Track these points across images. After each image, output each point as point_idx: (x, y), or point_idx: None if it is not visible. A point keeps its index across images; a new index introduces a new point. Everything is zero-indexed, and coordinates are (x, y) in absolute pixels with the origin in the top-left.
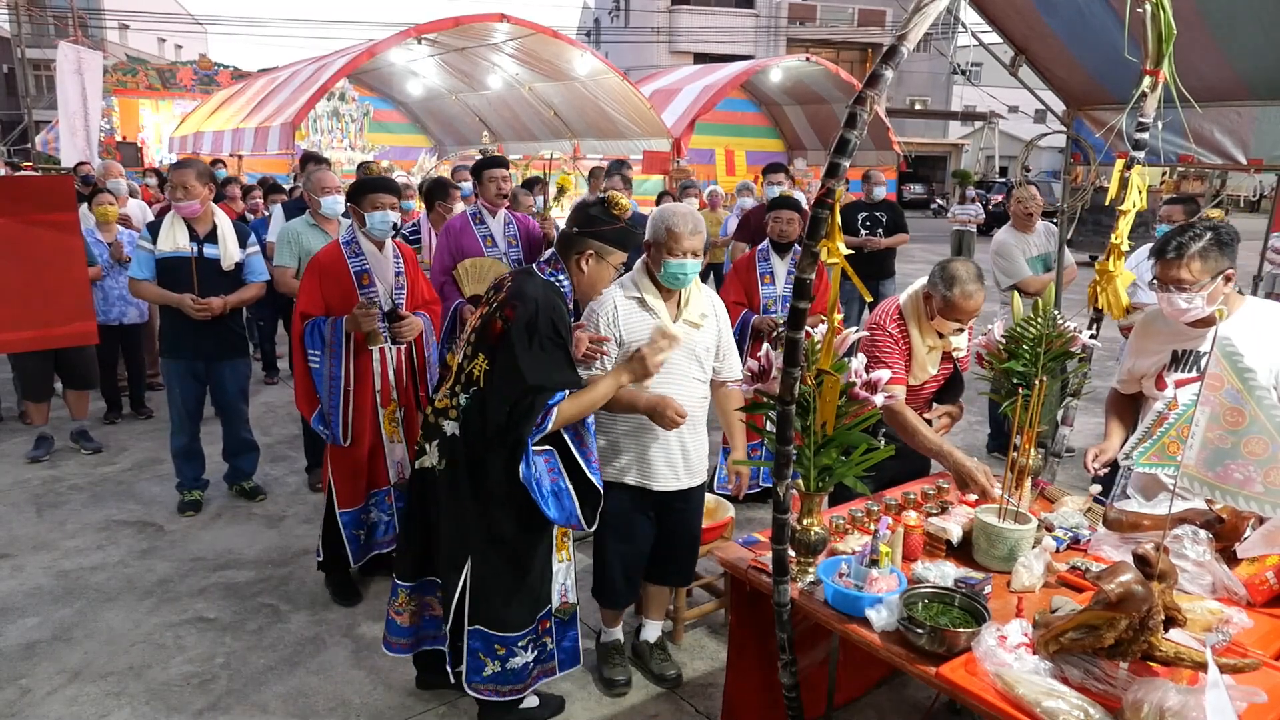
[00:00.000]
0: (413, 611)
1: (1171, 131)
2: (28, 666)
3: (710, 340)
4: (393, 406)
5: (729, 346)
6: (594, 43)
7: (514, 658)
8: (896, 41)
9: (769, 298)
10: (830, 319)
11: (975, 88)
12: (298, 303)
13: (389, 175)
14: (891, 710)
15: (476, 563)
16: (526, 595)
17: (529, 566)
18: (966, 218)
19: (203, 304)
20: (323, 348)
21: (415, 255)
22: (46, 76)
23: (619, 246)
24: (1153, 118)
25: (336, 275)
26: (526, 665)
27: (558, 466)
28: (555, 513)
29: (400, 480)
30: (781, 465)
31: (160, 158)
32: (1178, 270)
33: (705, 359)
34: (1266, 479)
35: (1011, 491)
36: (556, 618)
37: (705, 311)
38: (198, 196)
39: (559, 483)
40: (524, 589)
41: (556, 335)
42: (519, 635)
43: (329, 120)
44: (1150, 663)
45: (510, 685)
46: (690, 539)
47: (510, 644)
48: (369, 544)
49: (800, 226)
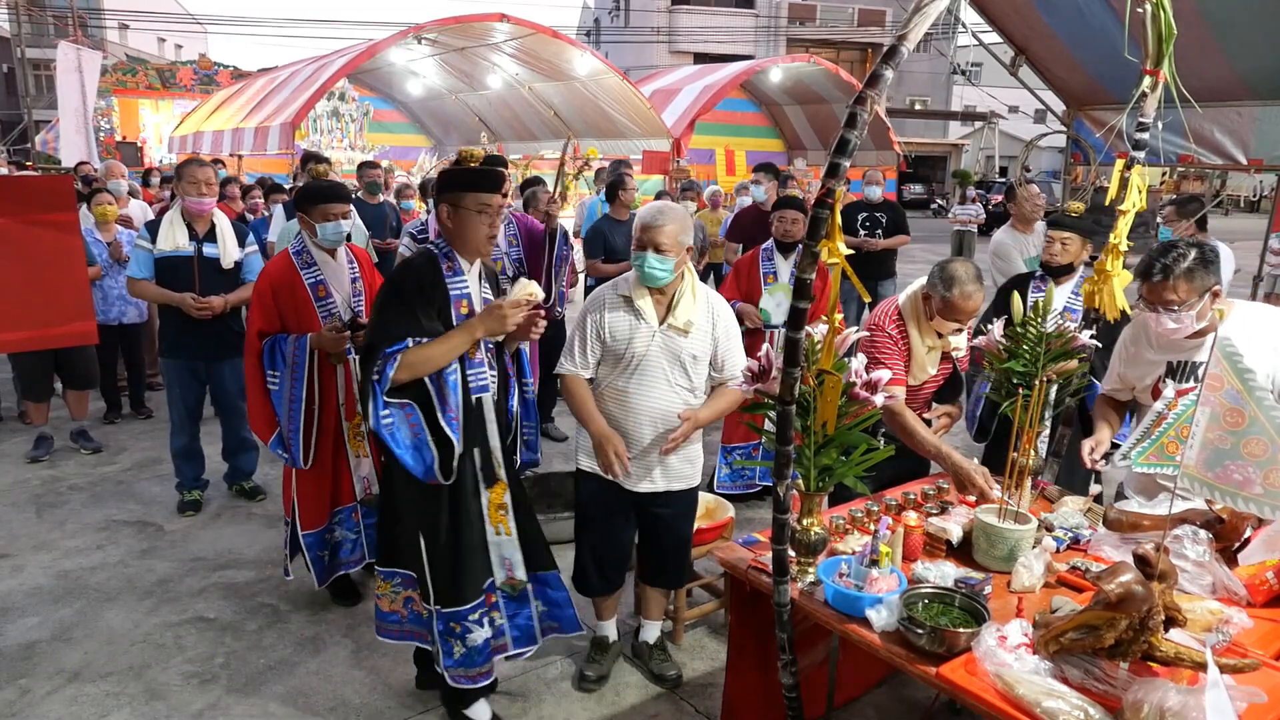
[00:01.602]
0: (393, 598)
1: (1172, 131)
2: (28, 666)
3: (700, 349)
4: (358, 419)
5: (730, 357)
6: (594, 43)
7: (470, 633)
8: (896, 41)
9: None
10: (830, 319)
11: (975, 88)
12: (251, 322)
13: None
14: (891, 710)
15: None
16: (469, 563)
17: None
18: (967, 218)
19: (203, 303)
20: (284, 368)
21: (369, 258)
22: (46, 76)
23: (466, 188)
24: (1153, 118)
25: (290, 288)
26: (486, 641)
27: (419, 420)
28: (414, 463)
29: (367, 495)
30: (781, 465)
31: (160, 158)
32: (1165, 292)
33: (693, 366)
34: (1266, 480)
35: (1011, 492)
36: (503, 592)
37: (696, 320)
38: (215, 195)
39: (421, 436)
40: (462, 557)
41: (402, 292)
42: (470, 608)
43: (329, 120)
44: (1150, 663)
45: (477, 668)
46: (677, 542)
47: (463, 618)
48: (333, 564)
49: (804, 226)
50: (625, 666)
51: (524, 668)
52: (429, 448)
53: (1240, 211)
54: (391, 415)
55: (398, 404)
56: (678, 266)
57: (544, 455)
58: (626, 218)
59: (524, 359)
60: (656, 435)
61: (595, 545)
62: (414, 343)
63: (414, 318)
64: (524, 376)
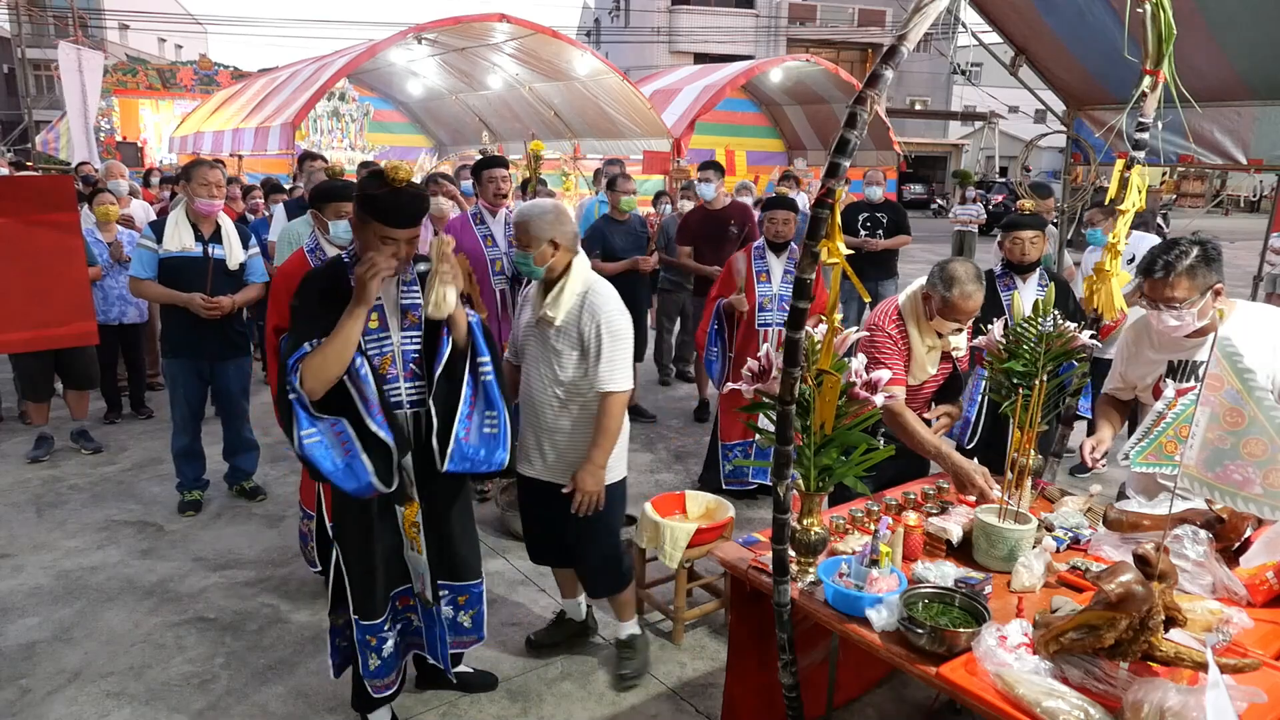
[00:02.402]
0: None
1: (1171, 131)
2: (28, 666)
3: (564, 345)
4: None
5: (601, 363)
6: (594, 43)
7: (385, 644)
8: (896, 41)
9: (764, 296)
10: (830, 319)
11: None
12: (268, 319)
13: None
14: (891, 710)
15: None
16: (383, 577)
17: (375, 547)
18: (967, 218)
19: (213, 303)
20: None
21: None
22: (46, 76)
23: (372, 215)
24: (1153, 118)
25: None
26: (395, 650)
27: (349, 435)
28: (346, 481)
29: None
30: (781, 465)
31: (160, 158)
32: (1167, 289)
33: (558, 361)
34: (1266, 480)
35: (1011, 492)
36: (420, 603)
37: (561, 316)
38: (223, 196)
39: (353, 451)
40: (375, 571)
41: (304, 303)
42: (382, 621)
43: (329, 120)
44: (1150, 663)
45: (385, 678)
46: (580, 532)
47: (378, 630)
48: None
49: (794, 226)
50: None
51: (524, 667)
52: (362, 461)
53: (1240, 211)
54: (319, 434)
55: (328, 421)
56: (540, 260)
57: None
58: (626, 218)
59: (476, 331)
60: (532, 422)
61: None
62: (313, 345)
63: (313, 323)
64: (479, 355)
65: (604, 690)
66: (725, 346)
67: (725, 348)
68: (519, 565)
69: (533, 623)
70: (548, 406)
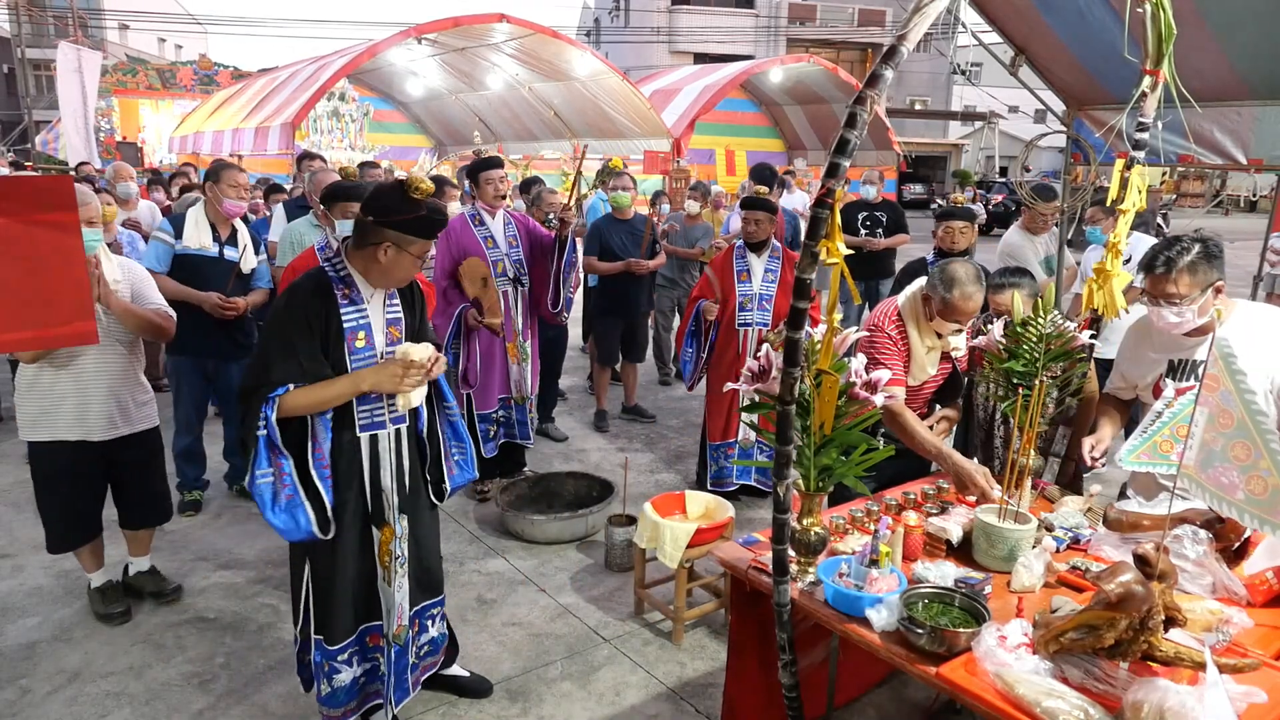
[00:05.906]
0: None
1: (1171, 131)
2: (28, 666)
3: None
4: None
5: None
6: (594, 43)
7: (338, 674)
8: (896, 41)
9: (745, 295)
10: (830, 319)
11: (975, 88)
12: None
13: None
14: (891, 710)
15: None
16: (345, 602)
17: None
18: None
19: (230, 303)
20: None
21: None
22: (46, 76)
23: (419, 235)
24: (1153, 118)
25: None
26: (354, 683)
27: (292, 478)
28: (286, 527)
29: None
30: (781, 465)
31: (160, 158)
32: (1168, 285)
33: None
34: (1247, 486)
35: (1011, 492)
36: (392, 642)
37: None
38: (248, 199)
39: (295, 497)
40: (336, 594)
41: (285, 327)
42: (341, 648)
43: (329, 120)
44: (1150, 663)
45: (339, 708)
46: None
47: (334, 657)
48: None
49: (770, 227)
50: (627, 666)
51: (524, 667)
52: (303, 507)
53: (1240, 211)
54: (271, 477)
55: (280, 456)
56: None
57: (544, 455)
58: (629, 217)
59: (441, 381)
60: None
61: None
62: (296, 387)
63: (295, 360)
64: (444, 400)
65: (604, 690)
66: (699, 348)
67: (699, 349)
68: (519, 565)
69: (533, 623)
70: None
